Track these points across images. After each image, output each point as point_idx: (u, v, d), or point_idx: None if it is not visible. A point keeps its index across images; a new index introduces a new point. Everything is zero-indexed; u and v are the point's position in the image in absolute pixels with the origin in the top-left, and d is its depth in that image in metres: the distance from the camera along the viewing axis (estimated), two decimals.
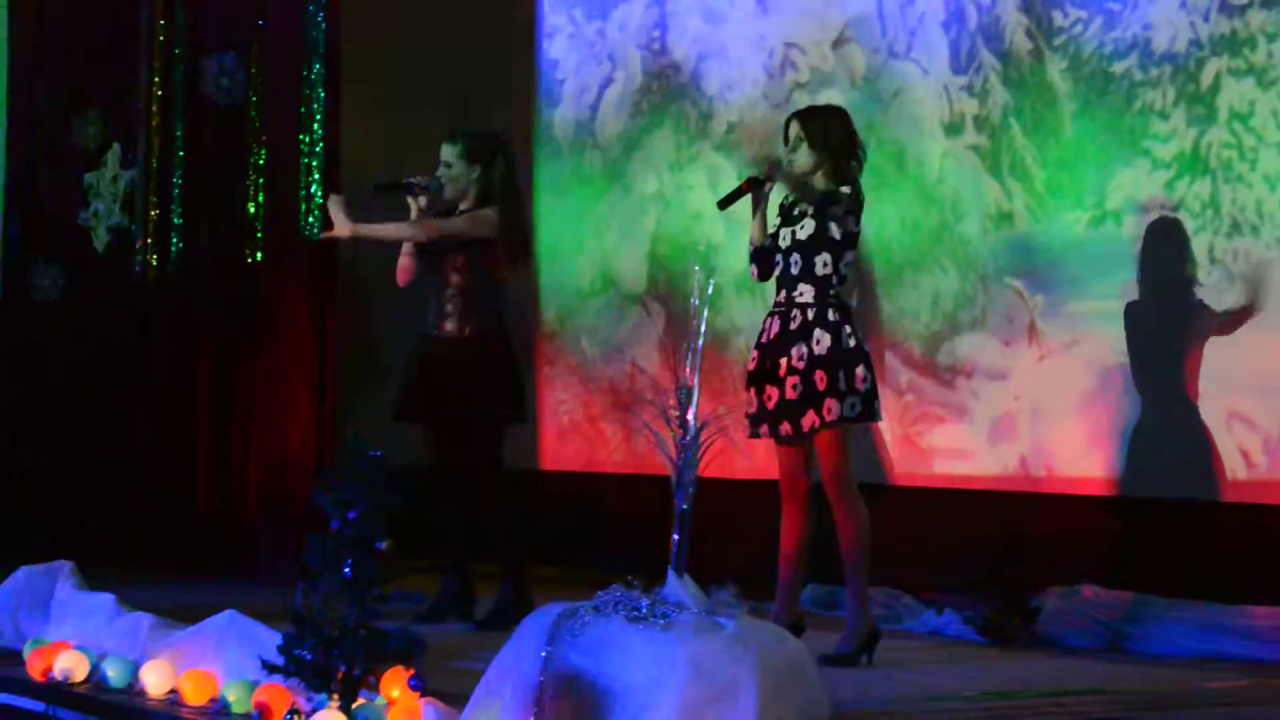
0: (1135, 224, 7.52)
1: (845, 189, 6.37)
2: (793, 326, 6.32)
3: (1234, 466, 7.15)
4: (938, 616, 7.43)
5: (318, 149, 9.07)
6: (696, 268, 4.42)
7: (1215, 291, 7.24)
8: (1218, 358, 7.23)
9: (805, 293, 6.33)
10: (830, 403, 6.22)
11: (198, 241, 9.61)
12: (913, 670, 6.22)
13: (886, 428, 8.10)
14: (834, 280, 6.35)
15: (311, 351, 9.04)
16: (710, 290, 4.45)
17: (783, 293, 6.41)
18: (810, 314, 6.30)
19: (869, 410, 6.36)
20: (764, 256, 6.50)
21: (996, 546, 7.61)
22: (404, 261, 7.40)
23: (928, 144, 8.27)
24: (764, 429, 6.37)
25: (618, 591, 4.22)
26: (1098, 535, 7.46)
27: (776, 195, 6.58)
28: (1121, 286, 7.55)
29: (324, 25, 9.08)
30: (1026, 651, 6.80)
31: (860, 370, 6.28)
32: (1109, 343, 7.58)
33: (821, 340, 6.26)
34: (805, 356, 6.25)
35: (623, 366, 9.70)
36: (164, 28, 9.80)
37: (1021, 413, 7.88)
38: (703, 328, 4.37)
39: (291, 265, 9.07)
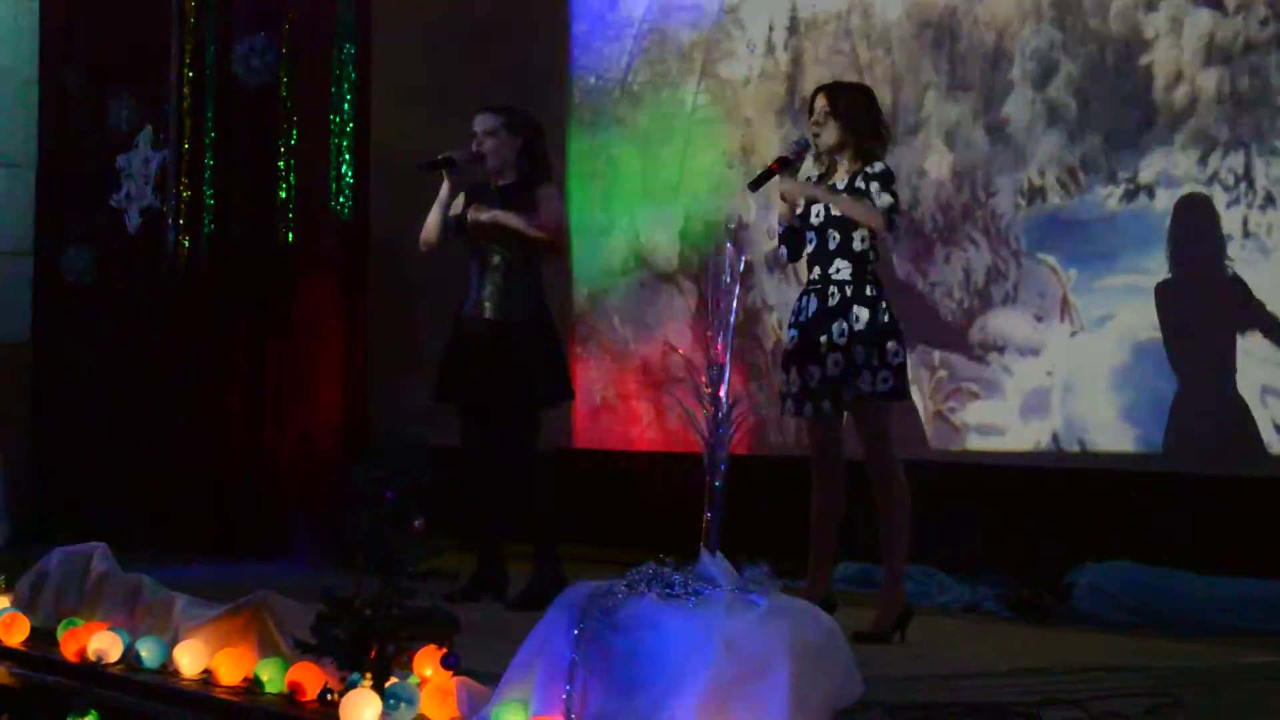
0: (1167, 198, 7.51)
1: (879, 165, 6.35)
2: (831, 304, 6.31)
3: (1270, 440, 7.13)
4: (971, 592, 7.42)
5: (348, 130, 9.08)
6: (728, 245, 4.38)
7: (1248, 265, 7.21)
8: (1253, 332, 7.21)
9: (842, 269, 6.32)
10: (868, 376, 6.23)
11: (229, 223, 9.62)
12: (946, 647, 6.21)
13: (920, 404, 8.08)
14: (871, 255, 6.34)
15: (344, 332, 9.07)
16: (741, 268, 4.43)
17: (817, 269, 6.40)
18: (849, 290, 6.30)
19: (902, 386, 6.36)
20: (794, 237, 6.50)
21: (1030, 522, 7.60)
22: (433, 225, 7.36)
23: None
24: (808, 407, 6.37)
25: (650, 569, 4.21)
26: (1132, 511, 7.43)
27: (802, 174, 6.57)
28: (1154, 261, 7.53)
29: (354, 6, 9.08)
30: (1060, 628, 6.79)
31: (892, 344, 6.28)
32: (1142, 317, 7.56)
33: (860, 316, 6.25)
34: (846, 333, 6.25)
35: (655, 345, 9.70)
36: (194, 9, 9.80)
37: (1055, 388, 7.86)
38: (734, 305, 4.36)
39: (323, 246, 9.09)
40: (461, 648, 4.59)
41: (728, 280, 4.34)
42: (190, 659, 5.22)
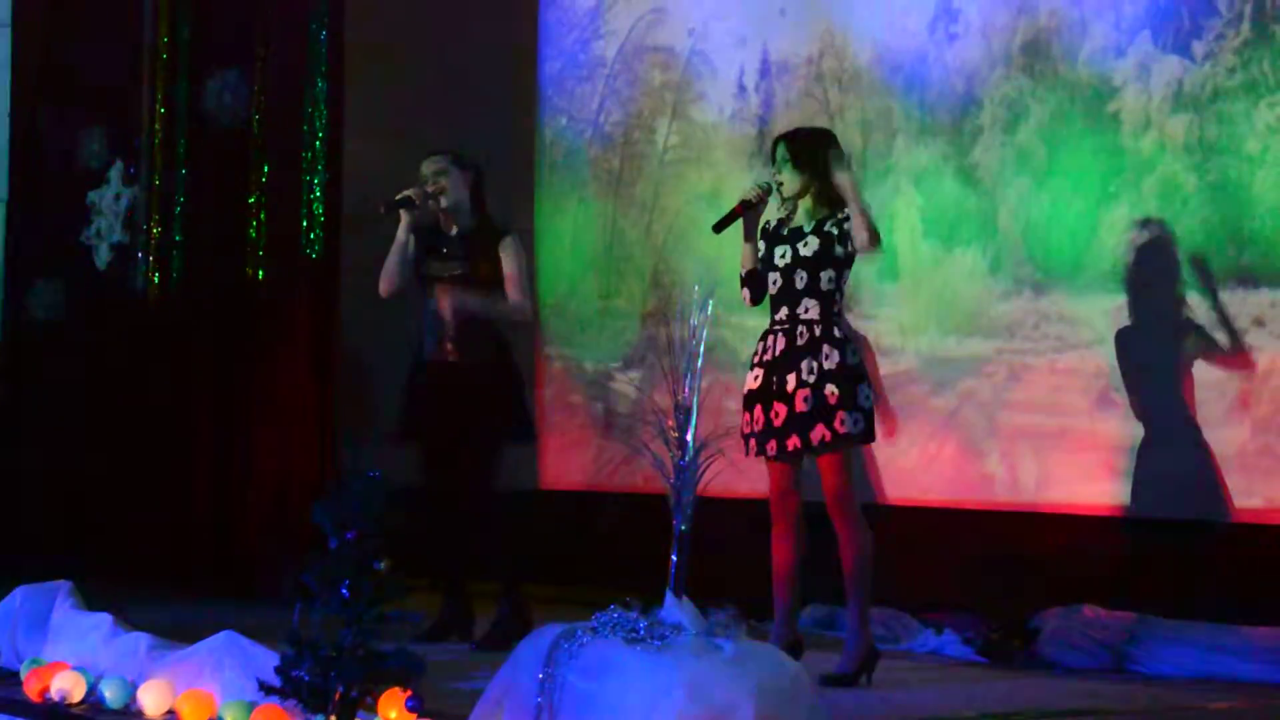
0: (1134, 243, 7.55)
1: (844, 210, 6.38)
2: (800, 342, 6.32)
3: (1234, 486, 7.15)
4: (937, 636, 7.43)
5: (320, 168, 9.07)
6: (695, 286, 4.39)
7: (1210, 309, 7.26)
8: (1215, 376, 7.24)
9: (810, 309, 6.34)
10: (842, 415, 6.24)
11: (199, 260, 9.61)
12: (912, 690, 6.21)
13: (886, 446, 8.09)
14: (837, 296, 6.37)
15: (312, 371, 9.04)
16: (710, 310, 4.43)
17: (783, 310, 6.41)
18: (817, 330, 6.32)
19: (870, 430, 6.37)
20: (756, 281, 6.52)
21: (996, 567, 7.60)
22: (391, 270, 7.38)
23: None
24: (770, 446, 6.36)
25: (616, 612, 4.21)
26: (1098, 555, 7.44)
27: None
28: (1115, 304, 7.57)
29: (327, 44, 9.08)
30: (1026, 672, 6.79)
31: (863, 388, 6.30)
32: (1107, 362, 7.59)
33: (830, 355, 6.27)
34: (816, 370, 6.26)
35: (622, 386, 9.70)
36: (166, 46, 9.81)
37: (1021, 432, 7.88)
38: (701, 348, 4.37)
39: (293, 284, 9.07)
40: (426, 690, 4.58)
41: (695, 323, 4.35)
42: (154, 699, 5.20)
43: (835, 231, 6.36)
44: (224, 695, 5.05)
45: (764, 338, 6.47)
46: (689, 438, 4.32)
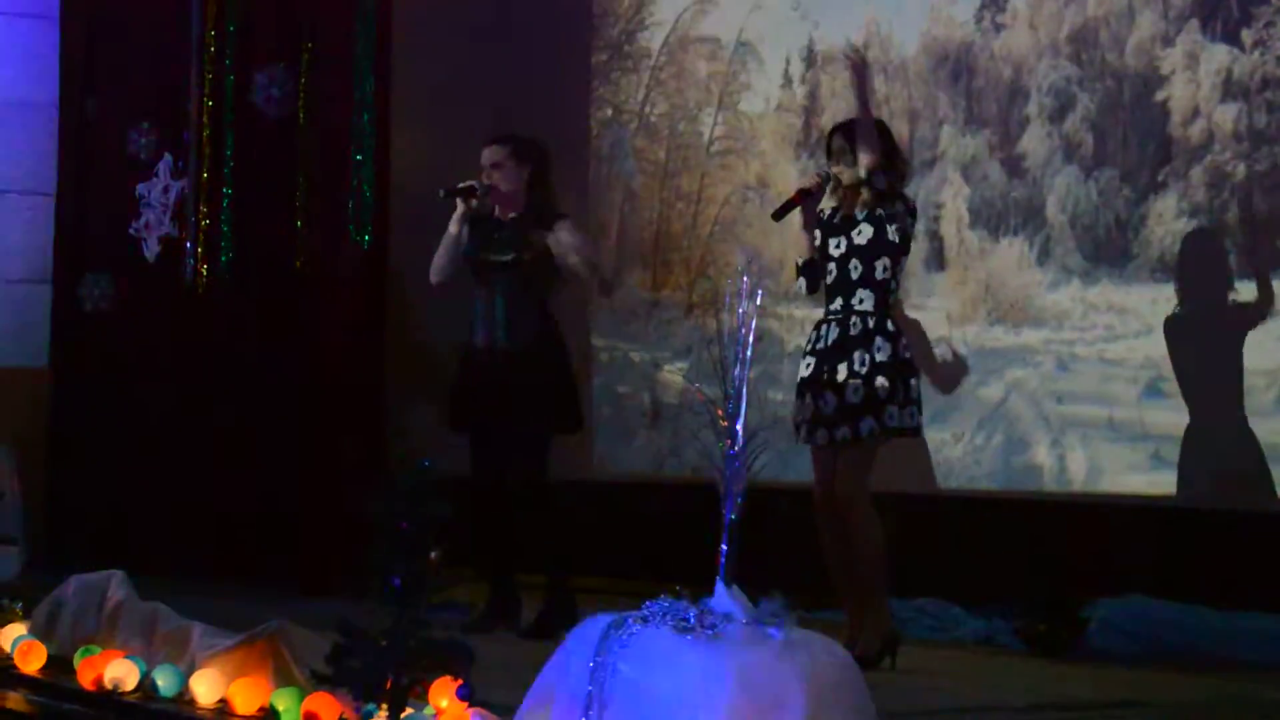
0: (1181, 233, 7.53)
1: (898, 205, 6.38)
2: (853, 333, 6.34)
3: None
4: (987, 626, 7.41)
5: (368, 160, 9.09)
6: (744, 277, 4.40)
7: (1258, 298, 7.24)
8: (1263, 366, 7.22)
9: (865, 299, 6.36)
10: (893, 409, 6.25)
11: (247, 252, 9.64)
12: (961, 680, 6.21)
13: (934, 436, 8.08)
14: (891, 286, 6.37)
15: (361, 359, 9.06)
16: (759, 299, 4.44)
17: (838, 300, 6.42)
18: (871, 322, 6.33)
19: (919, 424, 6.39)
20: (813, 270, 6.53)
21: (1045, 557, 7.58)
22: (442, 261, 7.39)
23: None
24: (820, 434, 6.37)
25: (665, 602, 4.21)
26: (1148, 545, 7.43)
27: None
28: (1164, 294, 7.55)
29: (374, 37, 9.10)
30: (1076, 662, 6.78)
31: (914, 381, 6.32)
32: (1157, 351, 7.57)
33: (883, 348, 6.28)
34: (868, 362, 6.27)
35: (671, 376, 9.71)
36: (214, 39, 9.83)
37: (1069, 422, 7.86)
38: (750, 337, 4.37)
39: (341, 275, 9.09)
40: (477, 679, 4.60)
41: (744, 311, 4.35)
42: (206, 688, 5.23)
43: (885, 216, 6.36)
44: (275, 684, 5.07)
45: (818, 327, 6.49)
46: (738, 427, 4.32)
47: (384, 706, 4.52)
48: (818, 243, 6.53)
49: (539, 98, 10.29)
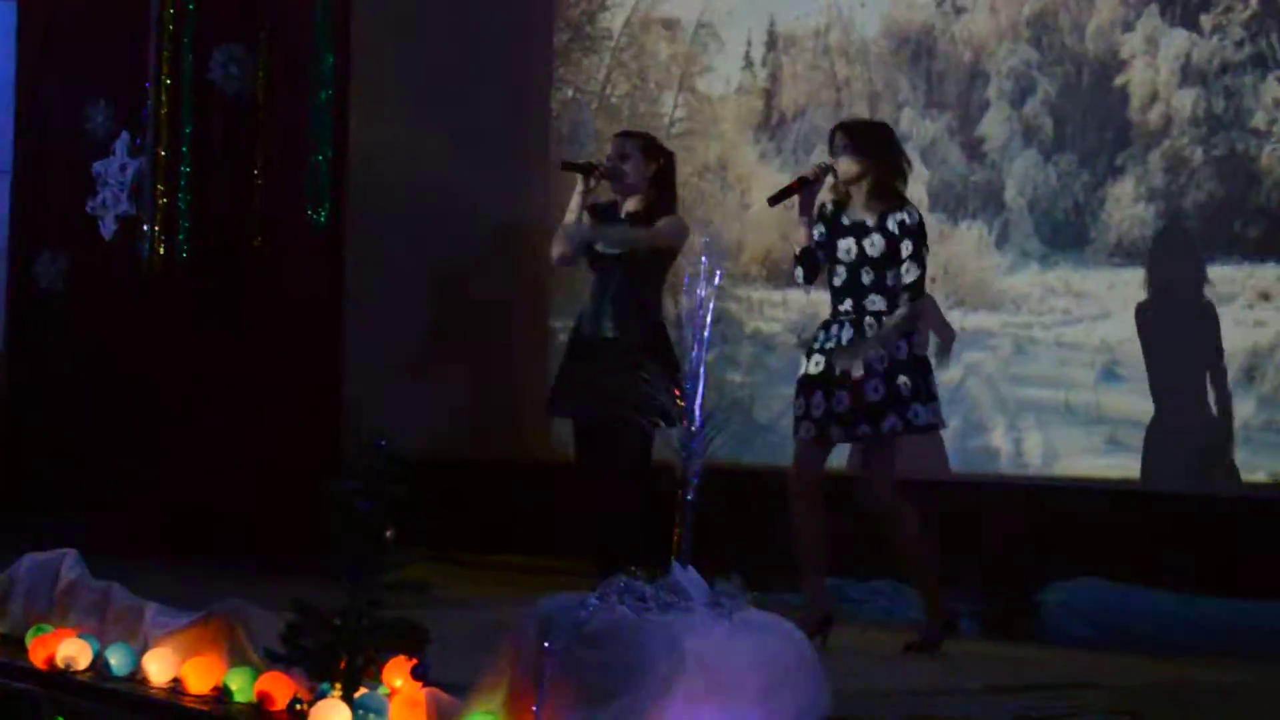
0: (1142, 217, 7.54)
1: (913, 215, 6.37)
2: (869, 333, 6.38)
3: (1239, 461, 7.15)
4: None
5: (326, 138, 9.05)
6: (702, 258, 4.39)
7: (1216, 283, 7.27)
8: (1220, 350, 7.25)
9: (878, 301, 6.42)
10: (917, 407, 6.32)
11: (205, 230, 9.60)
12: (917, 662, 6.22)
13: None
14: (903, 291, 6.37)
15: (320, 340, 9.03)
16: (718, 281, 4.43)
17: (848, 301, 6.47)
18: (885, 321, 6.33)
19: (940, 420, 6.47)
20: (810, 258, 6.54)
21: (1001, 540, 7.60)
22: (560, 233, 7.37)
23: None
24: (834, 431, 6.42)
25: (622, 582, 4.21)
26: (1104, 528, 7.45)
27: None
28: (1121, 278, 7.57)
29: (333, 15, 9.06)
30: (1031, 645, 6.79)
31: (931, 377, 6.38)
32: (1119, 334, 7.59)
33: (901, 346, 6.31)
34: (885, 360, 6.28)
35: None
36: (173, 17, 9.78)
37: (1026, 405, 7.88)
38: (708, 319, 4.36)
39: (298, 254, 9.06)
40: (432, 658, 4.58)
41: (703, 293, 4.34)
42: (159, 667, 5.20)
43: (898, 231, 6.37)
44: (229, 663, 5.05)
45: (826, 326, 6.52)
46: (695, 409, 4.31)
47: (338, 686, 4.50)
48: (818, 236, 6.57)
49: (500, 77, 10.27)
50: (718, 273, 4.38)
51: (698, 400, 4.28)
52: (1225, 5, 7.34)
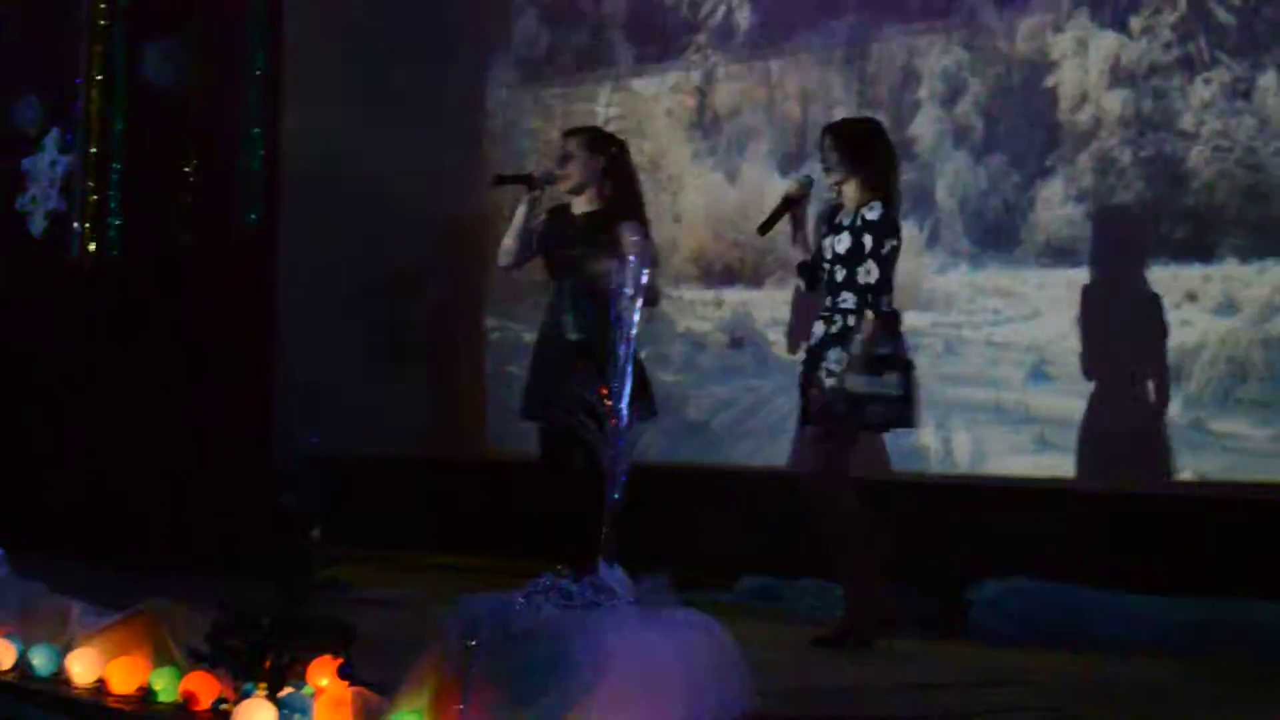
0: (1064, 214, 7.59)
1: (878, 209, 6.39)
2: (833, 330, 6.42)
3: (1178, 459, 7.20)
4: None
5: (258, 135, 9.01)
6: (630, 258, 4.40)
7: (1143, 283, 7.32)
8: (1147, 351, 7.30)
9: (848, 299, 6.43)
10: (868, 406, 6.35)
11: (137, 227, 9.54)
12: (845, 661, 6.23)
13: None
14: (878, 285, 6.38)
15: (252, 339, 8.99)
16: (644, 280, 4.44)
17: (829, 299, 6.50)
18: (851, 319, 6.38)
19: (904, 418, 6.44)
20: (808, 270, 6.62)
21: (930, 539, 7.63)
22: (510, 244, 7.33)
23: None
24: (809, 429, 6.53)
25: (548, 580, 4.22)
26: (1031, 527, 7.48)
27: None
28: (1050, 278, 7.61)
29: (266, 10, 9.02)
30: (961, 643, 6.82)
31: (894, 376, 6.35)
32: (1041, 335, 7.63)
33: (861, 344, 6.32)
34: (843, 360, 6.31)
35: None
36: (104, 11, 9.71)
37: (956, 405, 7.91)
38: (635, 318, 4.37)
39: (230, 251, 9.02)
40: (358, 658, 4.57)
41: (629, 293, 4.35)
42: (83, 667, 5.18)
43: (860, 225, 6.41)
44: (154, 663, 5.03)
45: (814, 323, 6.55)
46: (622, 407, 4.32)
47: (263, 685, 4.50)
48: (814, 246, 6.64)
49: (433, 75, 10.25)
50: (644, 273, 4.39)
51: (624, 400, 4.29)
52: (1154, 7, 7.39)
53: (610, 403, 4.38)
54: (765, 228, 6.74)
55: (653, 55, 9.45)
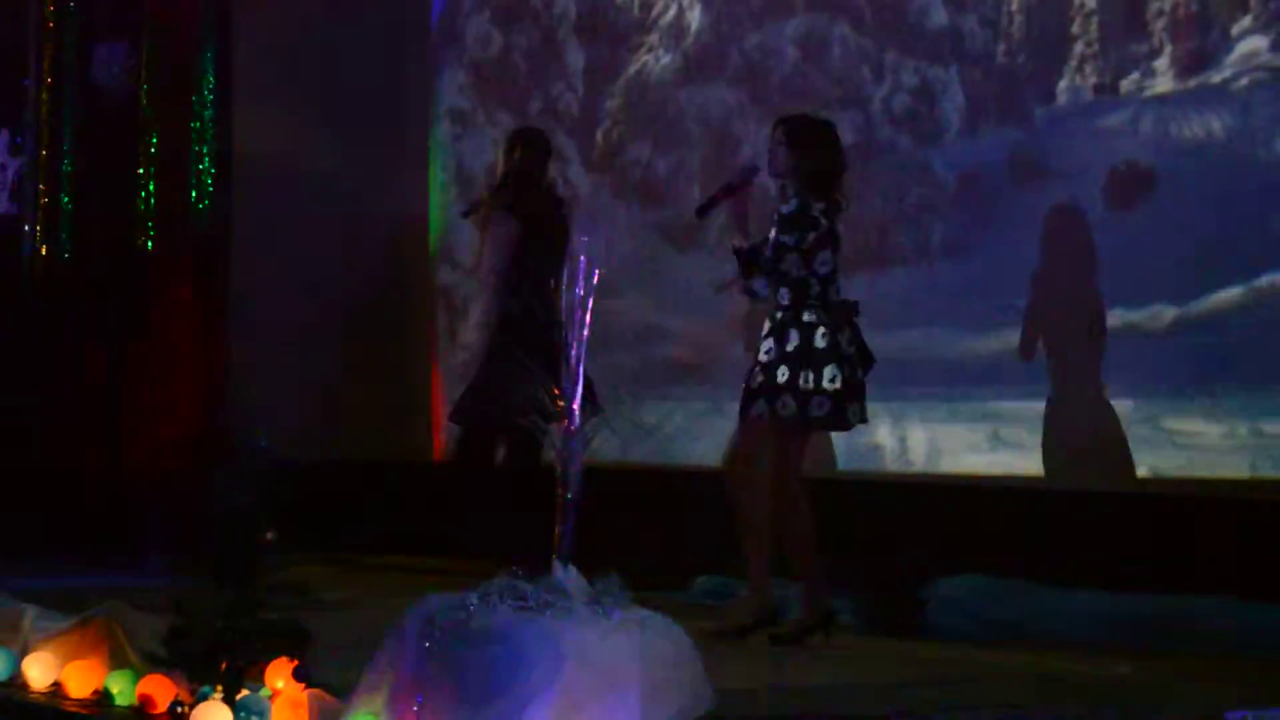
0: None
1: (793, 204, 6.41)
2: (769, 324, 6.44)
3: (1121, 456, 7.24)
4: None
5: (209, 137, 9.00)
6: (581, 256, 4.41)
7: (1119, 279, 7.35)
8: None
9: (784, 294, 6.44)
10: (786, 399, 6.29)
11: (89, 230, 9.51)
12: (801, 661, 6.24)
13: None
14: (813, 281, 6.38)
15: (203, 341, 8.98)
16: (595, 279, 4.44)
17: (774, 293, 6.49)
18: (786, 315, 6.38)
19: (839, 413, 6.39)
20: (742, 256, 6.55)
21: (885, 537, 7.65)
22: (486, 263, 7.41)
23: None
24: (742, 413, 6.49)
25: (503, 581, 4.22)
26: (986, 525, 7.51)
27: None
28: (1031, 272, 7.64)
29: (216, 13, 9.01)
30: (915, 640, 6.84)
31: (829, 370, 6.32)
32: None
33: (791, 338, 6.32)
34: (771, 351, 6.34)
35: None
36: (54, 14, 9.69)
37: (910, 402, 7.94)
38: (587, 318, 4.37)
39: (183, 254, 9.01)
40: (313, 660, 4.57)
41: (580, 292, 4.35)
42: (39, 671, 5.16)
43: (776, 220, 6.43)
44: (110, 666, 5.02)
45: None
46: (575, 408, 4.33)
47: (219, 688, 4.49)
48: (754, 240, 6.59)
49: (383, 75, 10.26)
50: (594, 273, 4.39)
51: (576, 400, 4.29)
52: None
53: (561, 403, 4.38)
54: (702, 211, 6.72)
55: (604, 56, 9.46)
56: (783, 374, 6.32)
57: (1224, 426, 7.02)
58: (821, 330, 6.37)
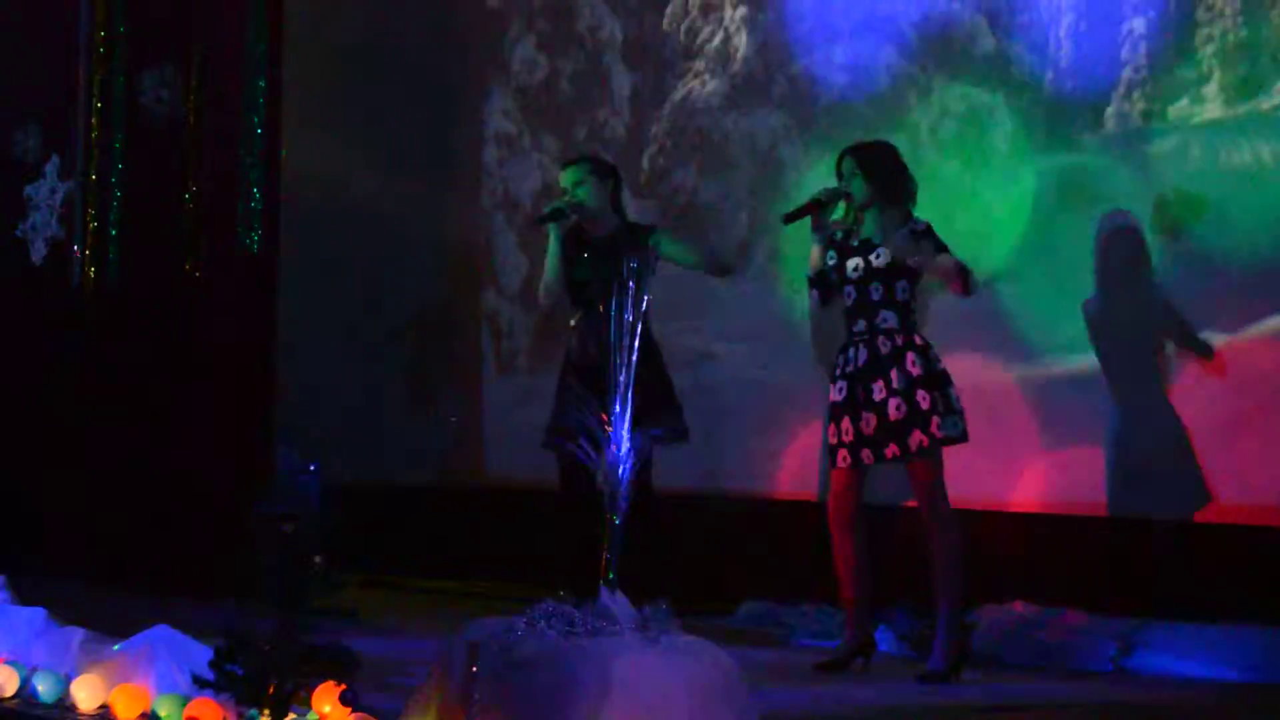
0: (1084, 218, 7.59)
1: (922, 222, 6.49)
2: (884, 352, 6.46)
3: (1181, 484, 7.20)
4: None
5: (258, 162, 9.02)
6: (630, 282, 4.42)
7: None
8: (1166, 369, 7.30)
9: (888, 319, 6.49)
10: (937, 420, 6.36)
11: (136, 254, 9.55)
12: (845, 686, 6.24)
13: (816, 444, 8.11)
14: (913, 305, 6.46)
15: (250, 367, 8.99)
16: (645, 305, 4.45)
17: (861, 322, 6.55)
18: (899, 339, 6.46)
19: (964, 429, 6.47)
20: (824, 282, 6.64)
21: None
22: (551, 281, 7.33)
23: None
24: (865, 455, 6.49)
25: (550, 606, 4.22)
26: (1032, 552, 7.49)
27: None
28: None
29: (265, 37, 9.03)
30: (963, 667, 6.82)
31: (953, 390, 6.42)
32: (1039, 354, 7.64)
33: (916, 362, 6.38)
34: (902, 378, 6.36)
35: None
36: (103, 39, 9.74)
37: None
38: (636, 343, 4.38)
39: (230, 279, 9.03)
40: (360, 684, 4.58)
41: (629, 318, 4.36)
42: (88, 694, 5.18)
43: (910, 239, 6.46)
44: (158, 689, 5.04)
45: (844, 350, 6.60)
46: (623, 433, 4.33)
47: (266, 712, 4.50)
48: (833, 261, 6.65)
49: (431, 100, 10.28)
50: (645, 298, 4.40)
51: (625, 425, 4.30)
52: None
53: (610, 428, 4.38)
54: (790, 218, 6.78)
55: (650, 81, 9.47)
56: (924, 398, 6.33)
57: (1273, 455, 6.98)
58: (934, 352, 6.43)
